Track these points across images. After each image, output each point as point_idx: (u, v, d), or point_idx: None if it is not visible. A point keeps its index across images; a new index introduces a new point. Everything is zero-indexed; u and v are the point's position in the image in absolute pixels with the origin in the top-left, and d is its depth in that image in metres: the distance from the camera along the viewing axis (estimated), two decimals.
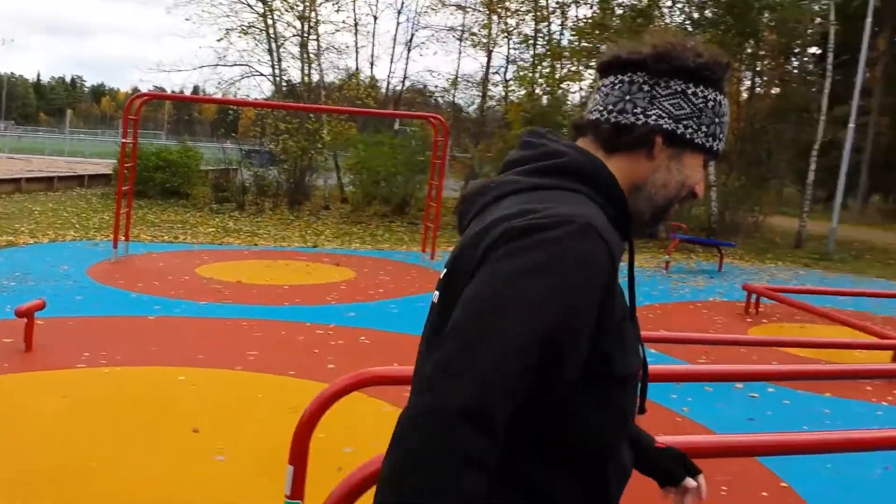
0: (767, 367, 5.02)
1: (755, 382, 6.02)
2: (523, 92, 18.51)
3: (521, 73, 18.92)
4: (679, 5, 18.89)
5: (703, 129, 1.19)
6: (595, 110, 1.22)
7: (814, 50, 22.36)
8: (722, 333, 7.82)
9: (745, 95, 22.17)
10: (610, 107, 1.20)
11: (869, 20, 17.10)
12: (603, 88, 1.23)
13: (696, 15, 18.90)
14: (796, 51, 21.33)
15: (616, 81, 1.20)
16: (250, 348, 5.99)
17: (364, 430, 4.46)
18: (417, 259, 11.76)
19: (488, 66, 20.50)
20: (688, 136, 1.19)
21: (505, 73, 20.67)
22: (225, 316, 7.07)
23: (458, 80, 21.23)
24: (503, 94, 20.24)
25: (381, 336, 6.75)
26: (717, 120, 1.20)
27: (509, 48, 20.23)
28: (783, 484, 4.13)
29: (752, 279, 12.17)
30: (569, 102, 18.60)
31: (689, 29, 17.88)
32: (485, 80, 20.52)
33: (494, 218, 1.09)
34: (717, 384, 5.89)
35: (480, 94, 20.56)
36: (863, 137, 37.69)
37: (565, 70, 18.64)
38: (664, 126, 1.17)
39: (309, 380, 5.22)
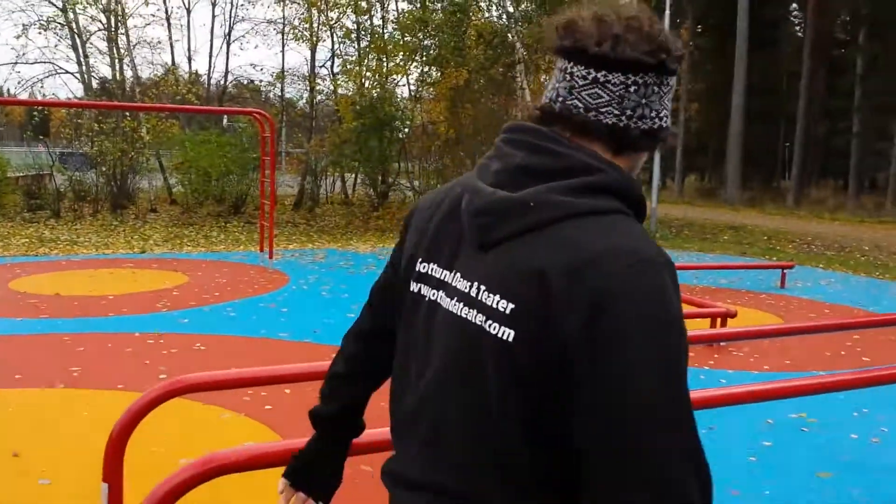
0: None
1: None
2: (352, 85, 18.41)
3: (349, 67, 18.79)
4: (496, 0, 19.35)
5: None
6: (608, 112, 1.12)
7: None
8: None
9: None
10: (629, 112, 1.12)
11: (668, 12, 18.30)
12: (611, 87, 1.12)
13: (511, 9, 19.48)
14: None
15: (629, 83, 1.12)
16: (73, 364, 5.56)
17: (202, 441, 4.26)
18: (256, 259, 11.40)
19: (313, 60, 20.20)
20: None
21: (332, 66, 20.46)
22: (43, 332, 6.53)
23: (284, 74, 20.76)
24: (332, 87, 20.03)
25: (218, 341, 6.48)
26: None
27: (333, 42, 20.04)
28: None
29: None
30: (398, 95, 18.70)
31: (505, 23, 18.38)
32: (311, 74, 20.18)
33: (583, 260, 1.02)
34: None
35: (309, 88, 20.19)
36: (675, 122, 40.53)
37: (392, 64, 18.70)
38: (669, 125, 1.17)
39: (140, 392, 4.90)
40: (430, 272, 1.22)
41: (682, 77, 40.84)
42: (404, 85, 19.57)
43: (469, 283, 1.13)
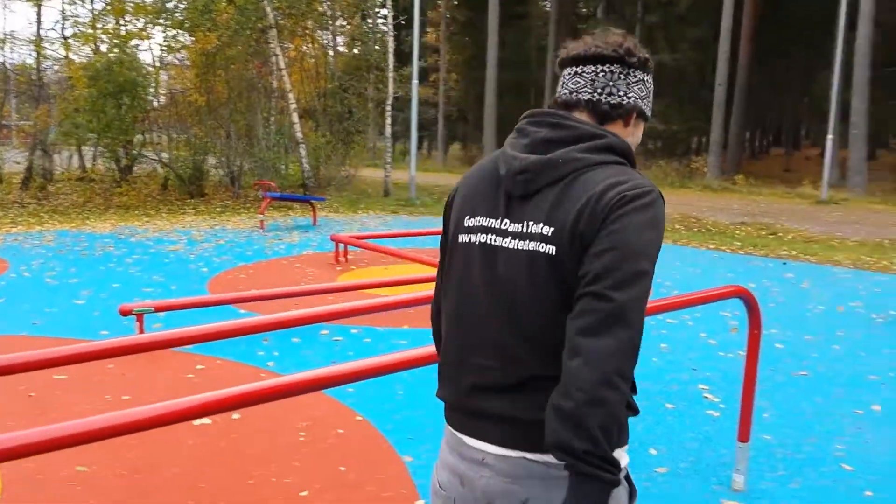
0: (340, 306, 4.98)
1: (339, 326, 6.16)
2: (88, 50, 16.76)
3: (82, 30, 17.07)
4: None
5: (649, 104, 1.64)
6: (584, 91, 1.57)
7: (385, 11, 23.80)
8: (312, 284, 7.87)
9: (331, 54, 22.90)
10: (599, 90, 1.56)
11: None
12: (585, 74, 1.57)
13: None
14: (369, 11, 22.51)
15: (598, 70, 1.56)
16: None
17: None
18: None
19: (39, 23, 18.19)
20: (646, 110, 1.62)
21: (63, 29, 18.50)
22: None
23: (6, 38, 18.49)
24: (64, 53, 18.14)
25: None
26: (651, 97, 1.65)
27: (63, 3, 18.11)
28: (358, 418, 4.21)
29: (345, 229, 12.62)
30: (141, 60, 17.24)
31: None
32: (38, 38, 18.13)
33: (598, 190, 1.42)
34: (304, 334, 5.89)
35: (35, 52, 18.14)
36: (436, 92, 41.55)
37: (132, 27, 17.25)
38: (638, 104, 1.59)
39: None
40: (476, 224, 1.55)
41: (441, 48, 41.95)
42: (147, 50, 18.20)
43: (520, 224, 1.49)
